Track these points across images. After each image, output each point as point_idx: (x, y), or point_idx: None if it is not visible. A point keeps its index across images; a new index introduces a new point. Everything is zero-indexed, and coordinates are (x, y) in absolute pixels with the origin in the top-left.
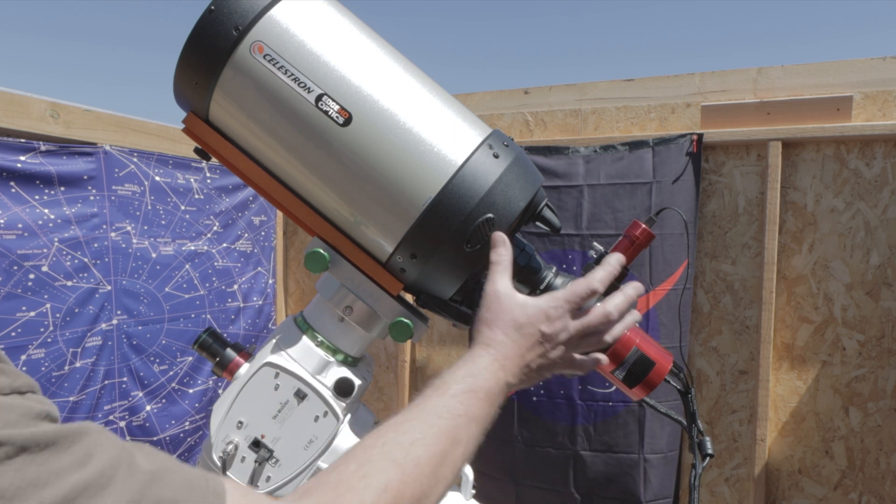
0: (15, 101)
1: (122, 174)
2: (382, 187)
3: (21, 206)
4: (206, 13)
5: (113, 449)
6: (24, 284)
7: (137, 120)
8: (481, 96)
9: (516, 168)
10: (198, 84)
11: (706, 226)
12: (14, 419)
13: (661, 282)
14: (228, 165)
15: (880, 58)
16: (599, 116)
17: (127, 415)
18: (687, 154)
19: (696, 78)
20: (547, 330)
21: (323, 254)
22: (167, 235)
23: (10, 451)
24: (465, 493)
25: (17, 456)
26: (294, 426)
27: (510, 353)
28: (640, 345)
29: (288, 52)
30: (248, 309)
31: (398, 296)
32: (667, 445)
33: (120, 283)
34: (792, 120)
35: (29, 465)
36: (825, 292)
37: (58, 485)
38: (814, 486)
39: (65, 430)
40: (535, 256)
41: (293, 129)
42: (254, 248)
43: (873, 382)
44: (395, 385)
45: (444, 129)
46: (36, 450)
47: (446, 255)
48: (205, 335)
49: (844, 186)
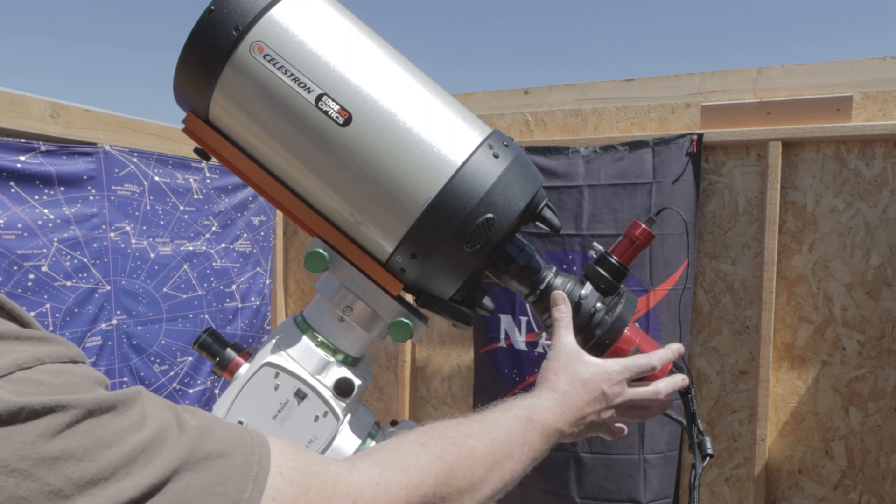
0: (15, 101)
1: (121, 174)
2: (382, 187)
3: (21, 206)
4: (205, 13)
5: (164, 410)
6: (24, 284)
7: (137, 120)
8: (481, 96)
9: (516, 168)
10: (198, 84)
11: (706, 226)
12: (77, 383)
13: (661, 282)
14: (228, 165)
15: (880, 58)
16: (599, 116)
17: None
18: (687, 154)
19: (696, 78)
20: (608, 391)
21: (323, 254)
22: (165, 235)
23: (78, 415)
24: None
25: (85, 419)
26: (294, 426)
27: (572, 403)
28: (640, 345)
29: (288, 52)
30: (245, 309)
31: (398, 296)
32: (667, 445)
33: (119, 283)
34: (792, 120)
35: (95, 428)
36: (825, 292)
37: (121, 445)
38: (814, 486)
39: (121, 395)
40: (535, 256)
41: (293, 129)
42: (253, 248)
43: (873, 382)
44: (395, 385)
45: (444, 129)
46: (98, 413)
47: (446, 255)
48: (205, 335)
49: (844, 186)
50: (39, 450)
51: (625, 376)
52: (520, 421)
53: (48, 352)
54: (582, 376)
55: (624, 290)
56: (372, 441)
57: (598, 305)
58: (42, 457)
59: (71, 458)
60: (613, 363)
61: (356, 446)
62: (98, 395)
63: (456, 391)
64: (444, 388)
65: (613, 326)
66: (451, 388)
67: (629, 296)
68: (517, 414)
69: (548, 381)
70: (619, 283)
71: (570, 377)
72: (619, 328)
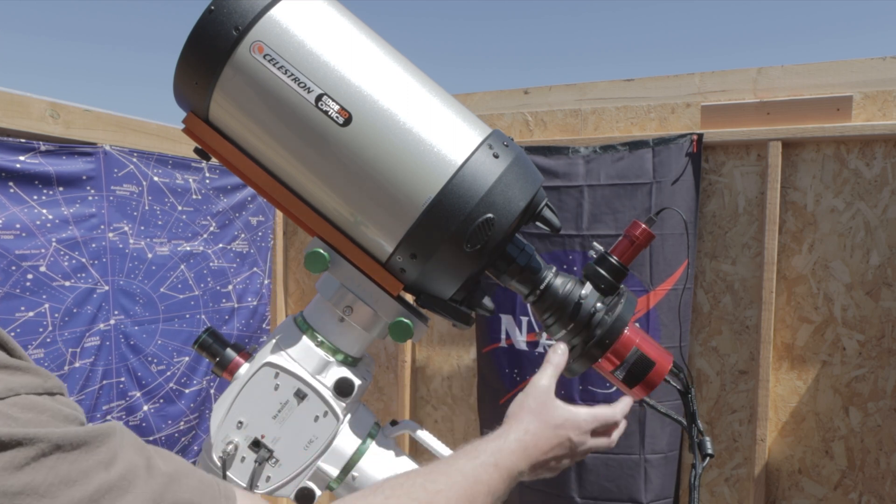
0: (15, 101)
1: (121, 174)
2: (382, 187)
3: (19, 206)
4: (205, 13)
5: (135, 452)
6: (23, 285)
7: (137, 120)
8: (481, 96)
9: (516, 168)
10: (198, 84)
11: (706, 226)
12: (46, 419)
13: (661, 282)
14: (228, 165)
15: (880, 58)
16: (599, 116)
17: (124, 414)
18: (687, 154)
19: (696, 78)
20: (575, 439)
21: (323, 254)
22: (163, 236)
23: (45, 449)
24: None
25: (52, 454)
26: (294, 426)
27: (539, 446)
28: (640, 345)
29: (288, 52)
30: (242, 309)
31: (398, 296)
32: (667, 445)
33: (117, 283)
34: (792, 120)
35: (61, 463)
36: (825, 292)
37: (86, 484)
38: (814, 486)
39: (93, 432)
40: (535, 256)
41: (293, 129)
42: (250, 248)
43: (873, 382)
44: (395, 385)
45: (444, 129)
46: (68, 448)
47: (446, 255)
48: (205, 335)
49: (844, 186)
50: (2, 483)
51: (592, 426)
52: (486, 469)
53: (23, 382)
54: (554, 421)
55: (624, 290)
56: (372, 441)
57: (598, 305)
58: (3, 490)
59: (33, 493)
60: (585, 413)
61: (356, 446)
62: (67, 431)
63: (456, 391)
64: (444, 388)
65: (613, 326)
66: (451, 388)
67: (629, 296)
68: (484, 462)
69: (519, 420)
70: (619, 283)
71: (542, 420)
72: (619, 328)
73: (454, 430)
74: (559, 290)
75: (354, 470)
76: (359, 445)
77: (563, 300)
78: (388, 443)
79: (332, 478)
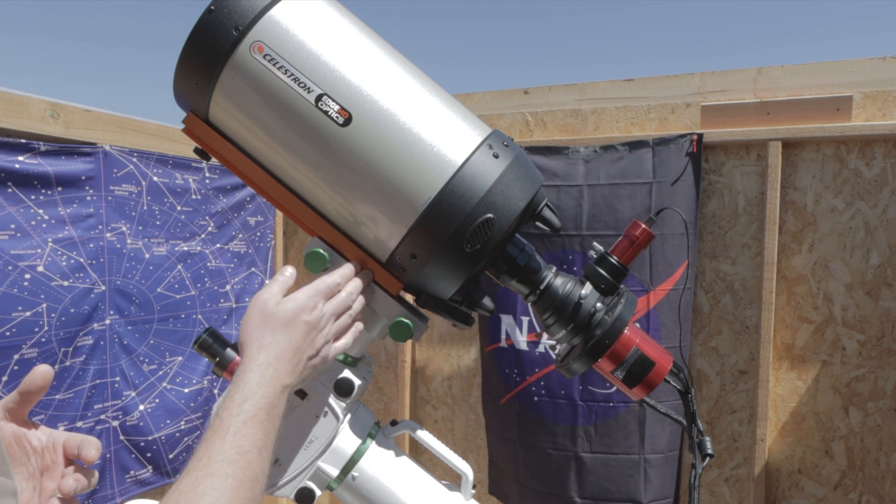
0: (15, 101)
1: (120, 174)
2: (382, 187)
3: (15, 206)
4: (205, 13)
5: None
6: (21, 284)
7: (137, 120)
8: (481, 96)
9: (516, 168)
10: (197, 84)
11: (706, 226)
12: None
13: (661, 282)
14: (228, 165)
15: (880, 58)
16: (599, 116)
17: (120, 414)
18: (687, 154)
19: (696, 78)
20: (309, 318)
21: (323, 254)
22: (161, 236)
23: None
24: (465, 493)
25: None
26: (294, 426)
27: (281, 353)
28: (640, 345)
29: (288, 52)
30: (240, 309)
31: (398, 296)
32: (667, 445)
33: (114, 283)
34: (792, 120)
35: None
36: (825, 292)
37: None
38: (814, 486)
39: None
40: (534, 256)
41: (293, 129)
42: (248, 248)
43: (873, 382)
44: (395, 385)
45: (444, 130)
46: None
47: (446, 255)
48: (205, 335)
49: (844, 186)
50: None
51: (318, 300)
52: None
53: None
54: (282, 319)
55: (624, 290)
56: (372, 441)
57: (598, 305)
58: None
59: None
60: (302, 293)
61: (356, 446)
62: None
63: (456, 391)
64: (444, 388)
65: (613, 326)
66: (451, 388)
67: (629, 296)
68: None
69: (248, 346)
70: (619, 283)
71: (272, 327)
72: (618, 328)
73: (454, 430)
74: (559, 290)
75: (354, 470)
76: (359, 445)
77: (563, 300)
78: (388, 443)
79: (332, 478)
